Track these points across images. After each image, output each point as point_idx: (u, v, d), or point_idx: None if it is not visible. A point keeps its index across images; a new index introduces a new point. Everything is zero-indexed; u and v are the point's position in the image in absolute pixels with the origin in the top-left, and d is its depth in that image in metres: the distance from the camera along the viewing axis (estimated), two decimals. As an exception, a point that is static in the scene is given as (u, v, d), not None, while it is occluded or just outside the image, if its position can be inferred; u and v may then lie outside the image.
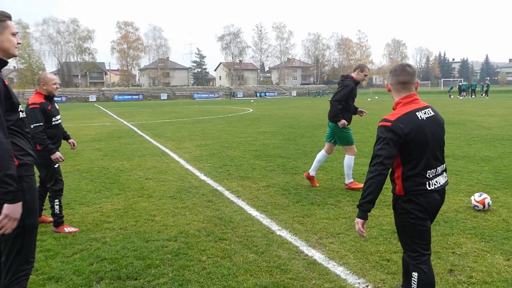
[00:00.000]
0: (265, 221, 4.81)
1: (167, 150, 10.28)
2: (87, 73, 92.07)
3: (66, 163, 8.57)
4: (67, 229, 4.55)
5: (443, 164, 2.63)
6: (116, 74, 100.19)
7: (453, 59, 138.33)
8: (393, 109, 2.61)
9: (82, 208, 5.41)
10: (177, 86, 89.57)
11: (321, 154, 6.42)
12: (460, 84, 48.06)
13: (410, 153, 2.47)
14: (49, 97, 4.52)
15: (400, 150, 2.46)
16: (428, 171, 2.51)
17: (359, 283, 3.31)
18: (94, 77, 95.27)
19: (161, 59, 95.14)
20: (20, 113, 2.38)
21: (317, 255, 3.84)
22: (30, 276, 2.51)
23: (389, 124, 2.45)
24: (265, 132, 13.81)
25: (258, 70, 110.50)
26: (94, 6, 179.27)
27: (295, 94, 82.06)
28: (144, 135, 14.00)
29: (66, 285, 3.29)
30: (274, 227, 4.61)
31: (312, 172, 6.36)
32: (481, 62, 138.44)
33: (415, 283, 2.52)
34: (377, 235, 4.25)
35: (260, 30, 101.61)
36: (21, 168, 2.30)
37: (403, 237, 2.63)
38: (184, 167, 8.07)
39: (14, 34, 2.38)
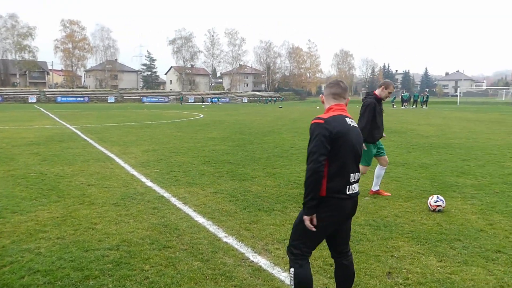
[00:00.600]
0: (212, 228, 4.76)
1: (112, 155, 9.90)
2: (27, 72, 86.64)
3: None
4: None
5: (358, 172, 2.75)
6: (59, 75, 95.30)
7: (396, 71, 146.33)
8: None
9: (14, 217, 5.04)
10: (126, 89, 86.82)
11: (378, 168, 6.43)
12: (403, 94, 50.85)
13: (337, 152, 2.58)
14: None
15: (330, 147, 2.56)
16: (351, 174, 2.64)
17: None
18: (35, 77, 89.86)
19: (109, 60, 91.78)
20: None
21: (263, 262, 3.85)
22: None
23: (322, 121, 2.60)
24: (215, 138, 13.74)
25: (210, 76, 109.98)
26: (36, 2, 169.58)
27: (246, 101, 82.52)
28: (88, 139, 13.39)
29: None
30: (221, 234, 4.57)
31: (375, 187, 6.35)
32: (421, 74, 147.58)
33: (292, 278, 2.67)
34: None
35: (212, 36, 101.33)
36: None
37: (296, 233, 2.73)
38: (129, 173, 7.81)
39: None
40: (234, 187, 6.72)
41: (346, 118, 2.69)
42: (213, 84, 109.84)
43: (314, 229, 2.63)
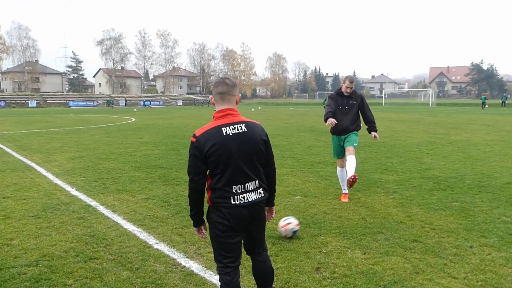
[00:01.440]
0: (142, 235, 4.61)
1: (32, 164, 9.20)
2: None
3: None
4: None
5: (255, 180, 2.63)
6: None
7: (327, 74, 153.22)
8: None
9: None
10: (49, 92, 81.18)
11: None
12: (332, 97, 53.23)
13: (213, 168, 2.52)
14: None
15: (205, 165, 2.52)
16: (233, 186, 2.54)
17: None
18: None
19: (29, 61, 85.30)
20: None
21: (195, 266, 3.81)
22: None
23: (195, 140, 2.54)
24: (147, 143, 13.34)
25: (142, 78, 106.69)
26: None
27: (181, 104, 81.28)
28: (4, 147, 12.31)
29: None
30: (152, 241, 4.45)
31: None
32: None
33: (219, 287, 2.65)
34: (253, 241, 4.39)
35: (144, 37, 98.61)
36: None
37: (213, 247, 2.73)
38: (52, 182, 7.30)
39: None
40: (167, 192, 6.57)
41: (223, 128, 2.53)
42: (145, 87, 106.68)
43: (205, 236, 2.81)
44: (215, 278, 3.55)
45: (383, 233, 4.60)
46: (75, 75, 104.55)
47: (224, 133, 2.52)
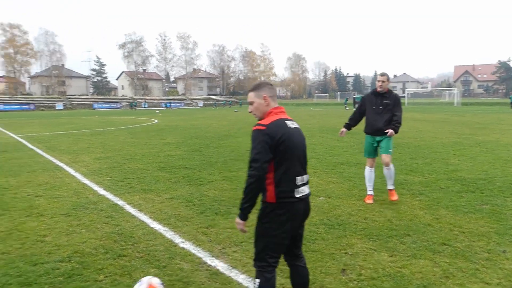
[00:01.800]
0: (168, 234, 4.69)
1: (61, 164, 9.47)
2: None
3: None
4: None
5: (307, 175, 2.77)
6: (1, 81, 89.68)
7: (348, 74, 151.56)
8: (264, 118, 2.72)
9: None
10: (75, 95, 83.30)
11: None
12: (355, 96, 52.70)
13: (280, 157, 2.57)
14: None
15: (273, 153, 2.55)
16: (297, 178, 2.64)
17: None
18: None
19: (55, 66, 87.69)
20: None
21: (220, 265, 3.85)
22: None
23: (264, 128, 2.57)
24: (170, 143, 13.53)
25: (163, 80, 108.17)
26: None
27: (201, 105, 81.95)
28: (35, 148, 12.72)
29: None
30: (178, 239, 4.52)
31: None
32: (371, 76, 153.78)
33: None
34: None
35: (164, 39, 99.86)
36: None
37: (258, 246, 2.69)
38: (81, 182, 7.51)
39: None
40: (191, 192, 6.66)
41: (286, 122, 2.68)
42: (167, 89, 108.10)
43: (247, 232, 2.77)
44: (240, 277, 3.59)
45: (410, 236, 4.53)
46: (99, 78, 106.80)
47: (288, 126, 2.66)
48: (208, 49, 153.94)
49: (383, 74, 5.93)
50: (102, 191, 6.75)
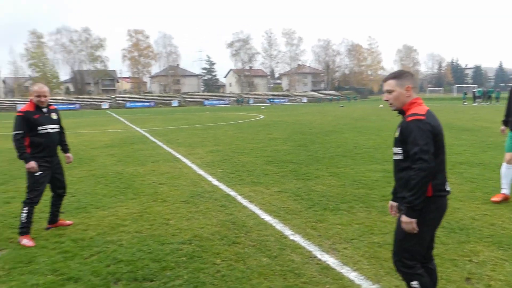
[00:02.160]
0: (278, 226, 4.83)
1: (179, 156, 10.38)
2: (99, 80, 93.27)
3: (81, 169, 8.72)
4: (26, 241, 4.36)
5: None
6: (127, 82, 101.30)
7: (466, 65, 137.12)
8: (404, 109, 2.63)
9: (98, 212, 5.49)
10: (188, 93, 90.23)
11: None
12: (475, 90, 47.63)
13: (437, 149, 2.49)
14: (40, 107, 4.56)
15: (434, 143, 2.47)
16: (444, 169, 2.58)
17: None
18: (106, 85, 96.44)
19: (171, 66, 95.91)
20: None
21: (331, 260, 3.85)
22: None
23: (424, 117, 2.47)
24: (277, 138, 13.84)
25: (268, 77, 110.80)
26: (105, 15, 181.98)
27: (305, 101, 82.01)
28: (156, 141, 14.14)
29: (85, 286, 3.35)
30: (287, 232, 4.63)
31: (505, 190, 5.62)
32: (495, 68, 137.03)
33: None
34: (391, 242, 4.22)
35: (270, 36, 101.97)
36: None
37: (407, 245, 2.56)
38: (196, 173, 8.14)
39: None
40: (298, 186, 6.75)
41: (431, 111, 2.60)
42: (271, 85, 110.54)
43: (417, 231, 2.50)
44: (352, 275, 3.54)
45: (550, 247, 3.96)
46: (209, 76, 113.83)
47: (436, 117, 2.59)
48: (313, 44, 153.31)
49: None
50: (215, 182, 7.22)
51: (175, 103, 73.79)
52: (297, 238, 4.41)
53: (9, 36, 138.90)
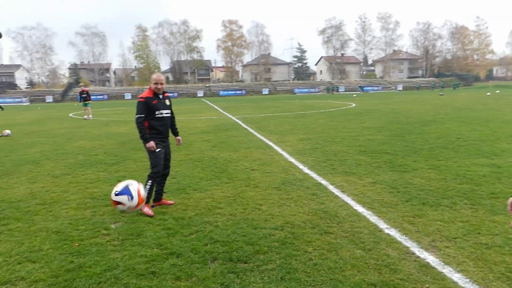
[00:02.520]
0: (372, 218, 4.66)
1: (270, 143, 10.55)
2: (195, 70, 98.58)
3: (180, 153, 9.34)
4: (148, 209, 4.95)
5: None
6: (221, 71, 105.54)
7: None
8: None
9: (196, 194, 5.85)
10: (278, 81, 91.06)
11: None
12: None
13: None
14: (157, 94, 5.08)
15: None
16: None
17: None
18: (201, 74, 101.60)
19: (263, 55, 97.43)
20: None
21: (430, 258, 3.61)
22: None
23: None
24: (370, 128, 13.32)
25: (361, 64, 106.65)
26: (202, 7, 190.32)
27: (400, 88, 77.45)
28: (248, 128, 14.55)
29: (185, 261, 3.60)
30: (382, 225, 4.44)
31: None
32: None
33: None
34: (503, 244, 3.82)
35: (364, 22, 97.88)
36: None
37: None
38: (287, 160, 8.20)
39: None
40: (394, 178, 6.42)
41: None
42: (364, 72, 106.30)
43: None
44: (455, 276, 3.28)
45: None
46: (300, 64, 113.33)
47: None
48: (411, 27, 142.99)
49: None
50: (306, 170, 7.20)
51: (265, 91, 75.06)
52: (393, 232, 4.21)
53: (119, 31, 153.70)
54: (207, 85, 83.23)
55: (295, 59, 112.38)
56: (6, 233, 4.45)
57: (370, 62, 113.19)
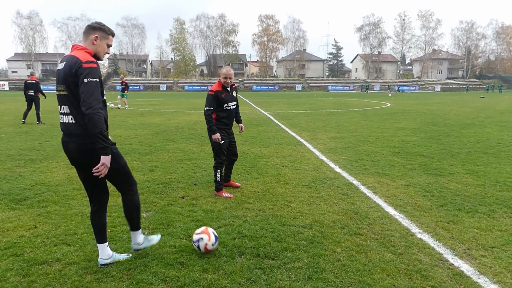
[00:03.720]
0: (404, 221, 4.54)
1: (302, 140, 10.47)
2: (230, 64, 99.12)
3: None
4: (225, 194, 5.43)
5: None
6: (255, 66, 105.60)
7: None
8: None
9: (226, 188, 5.88)
10: (312, 77, 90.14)
11: None
12: None
13: None
14: (225, 87, 5.45)
15: None
16: None
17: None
18: (236, 68, 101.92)
19: (298, 51, 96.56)
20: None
21: (465, 267, 3.47)
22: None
23: None
24: (405, 128, 12.96)
25: (398, 62, 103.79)
26: (240, 1, 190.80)
27: (439, 89, 74.89)
28: (280, 124, 14.50)
29: (213, 254, 3.63)
30: (414, 229, 4.32)
31: None
32: None
33: None
34: (544, 256, 3.62)
35: (403, 19, 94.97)
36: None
37: None
38: (318, 158, 8.11)
39: (109, 46, 3.23)
40: (429, 182, 6.22)
41: None
42: (401, 72, 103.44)
43: None
44: (491, 287, 3.14)
45: None
46: (335, 61, 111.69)
47: None
48: (453, 26, 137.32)
49: None
50: (337, 169, 7.10)
51: (299, 87, 74.52)
52: (426, 238, 4.08)
53: (158, 23, 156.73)
54: (241, 79, 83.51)
55: (331, 56, 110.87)
56: (45, 215, 4.64)
57: (408, 61, 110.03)
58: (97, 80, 2.96)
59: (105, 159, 2.95)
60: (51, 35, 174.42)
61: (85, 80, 2.92)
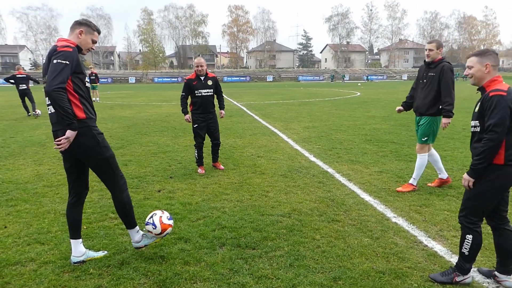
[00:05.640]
0: (379, 207, 4.66)
1: (276, 130, 10.52)
2: (200, 55, 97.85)
3: (186, 138, 9.33)
4: (199, 170, 6.24)
5: None
6: (225, 57, 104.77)
7: None
8: (484, 86, 2.90)
9: (202, 179, 5.85)
10: (283, 68, 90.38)
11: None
12: None
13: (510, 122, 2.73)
14: (199, 75, 6.10)
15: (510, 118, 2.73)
16: None
17: (488, 282, 3.05)
18: (206, 59, 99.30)
19: (268, 41, 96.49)
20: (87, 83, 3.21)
21: (438, 247, 3.62)
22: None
23: (505, 94, 2.74)
24: (375, 117, 13.25)
25: (366, 52, 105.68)
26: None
27: (405, 78, 76.85)
28: (253, 115, 14.49)
29: (193, 246, 3.62)
30: (389, 213, 4.44)
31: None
32: None
33: (469, 244, 2.92)
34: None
35: (371, 10, 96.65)
36: (89, 120, 3.12)
37: (474, 203, 2.90)
38: (293, 148, 8.18)
39: (94, 42, 3.27)
40: (400, 167, 6.41)
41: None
42: (369, 61, 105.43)
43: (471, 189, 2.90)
44: (463, 265, 3.27)
45: None
46: (305, 52, 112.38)
47: None
48: (418, 17, 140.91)
49: (429, 42, 5.23)
50: (312, 158, 7.19)
51: (269, 78, 74.57)
52: (400, 221, 4.22)
53: (124, 14, 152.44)
54: (211, 70, 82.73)
55: (300, 47, 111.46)
56: (14, 214, 4.47)
57: (375, 50, 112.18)
58: (67, 62, 2.91)
59: (70, 133, 2.95)
60: (9, 26, 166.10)
61: (54, 61, 2.91)
